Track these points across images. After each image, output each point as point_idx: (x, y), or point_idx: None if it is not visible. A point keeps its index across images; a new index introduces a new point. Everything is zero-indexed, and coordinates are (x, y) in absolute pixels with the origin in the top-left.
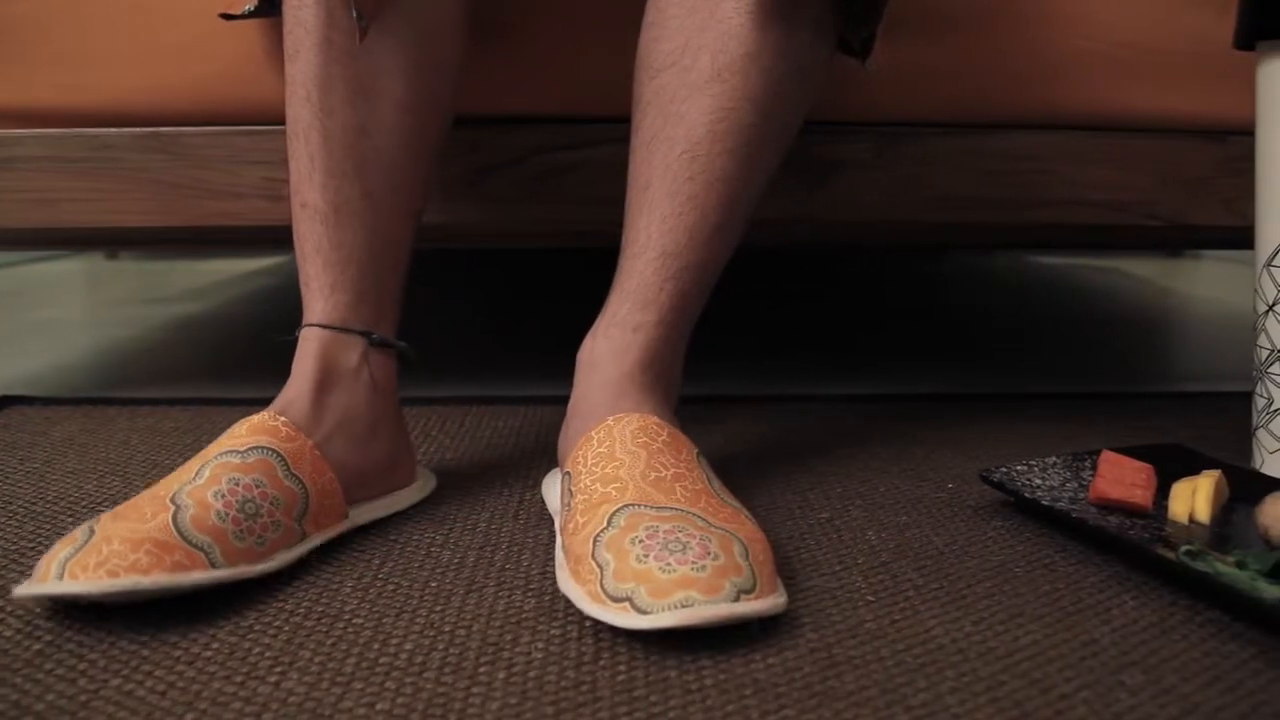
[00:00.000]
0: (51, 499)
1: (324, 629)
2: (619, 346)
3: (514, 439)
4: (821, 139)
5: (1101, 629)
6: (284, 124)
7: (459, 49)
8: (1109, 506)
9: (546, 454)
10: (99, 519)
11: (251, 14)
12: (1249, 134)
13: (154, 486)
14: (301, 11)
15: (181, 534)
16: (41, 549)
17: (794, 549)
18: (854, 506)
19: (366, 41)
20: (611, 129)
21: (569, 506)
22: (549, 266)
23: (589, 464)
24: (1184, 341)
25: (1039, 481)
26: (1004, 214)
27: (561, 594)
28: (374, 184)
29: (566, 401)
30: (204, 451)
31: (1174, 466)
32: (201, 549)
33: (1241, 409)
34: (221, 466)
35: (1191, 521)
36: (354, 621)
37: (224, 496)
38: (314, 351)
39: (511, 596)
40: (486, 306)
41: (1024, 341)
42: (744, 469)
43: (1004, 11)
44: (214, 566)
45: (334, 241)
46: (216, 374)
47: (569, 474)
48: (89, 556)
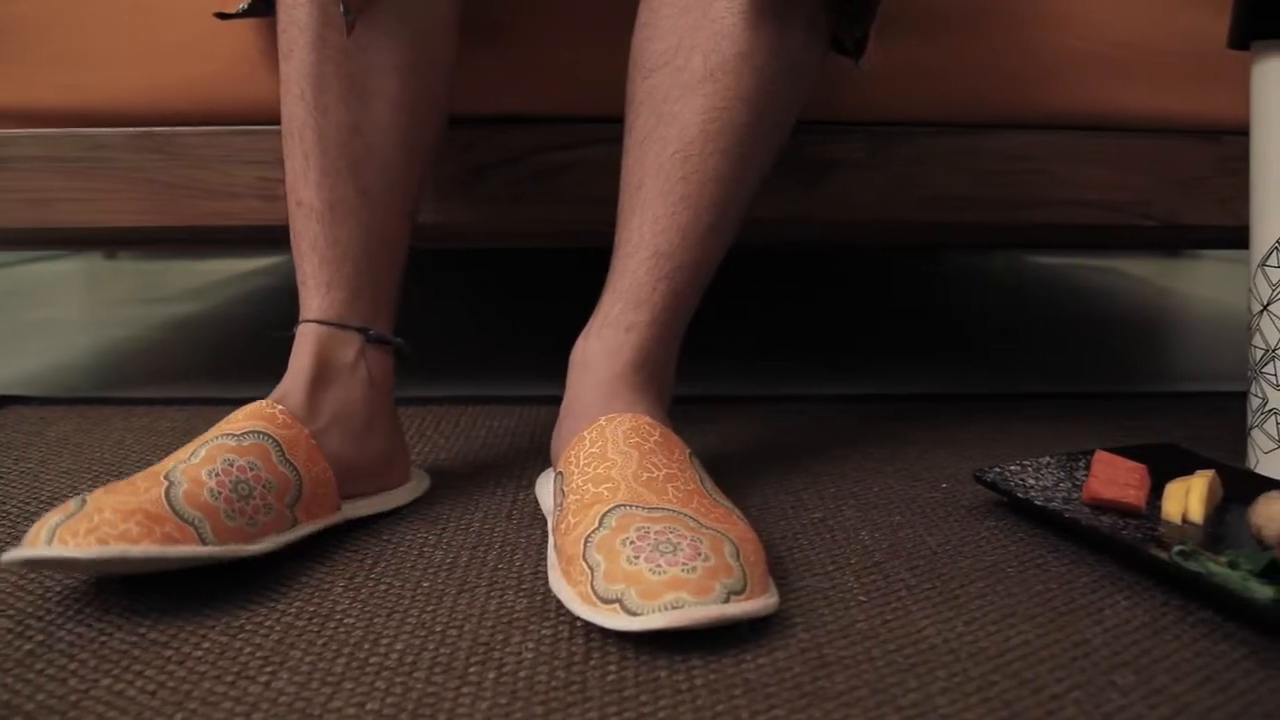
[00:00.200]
0: (45, 499)
1: (315, 629)
2: (612, 346)
3: (508, 439)
4: (815, 138)
5: (1093, 629)
6: (279, 124)
7: (453, 46)
8: (1102, 506)
9: (541, 454)
10: (92, 492)
11: (246, 13)
12: (1244, 134)
13: (150, 467)
14: (295, 10)
15: (173, 508)
16: None
17: (787, 549)
18: (847, 506)
19: (360, 39)
20: (606, 129)
21: (561, 506)
22: (544, 266)
23: (581, 464)
24: (1181, 341)
25: (1032, 481)
26: (998, 214)
27: (554, 594)
28: (369, 182)
29: (561, 402)
30: (201, 436)
31: (1168, 466)
32: (192, 524)
33: (1238, 409)
34: (218, 448)
35: (1185, 521)
36: (345, 621)
37: (218, 475)
38: (310, 347)
39: (503, 597)
40: (482, 306)
41: (1020, 341)
42: (738, 469)
43: (998, 11)
44: (204, 542)
45: (330, 239)
46: (213, 374)
47: (561, 474)
48: (79, 524)
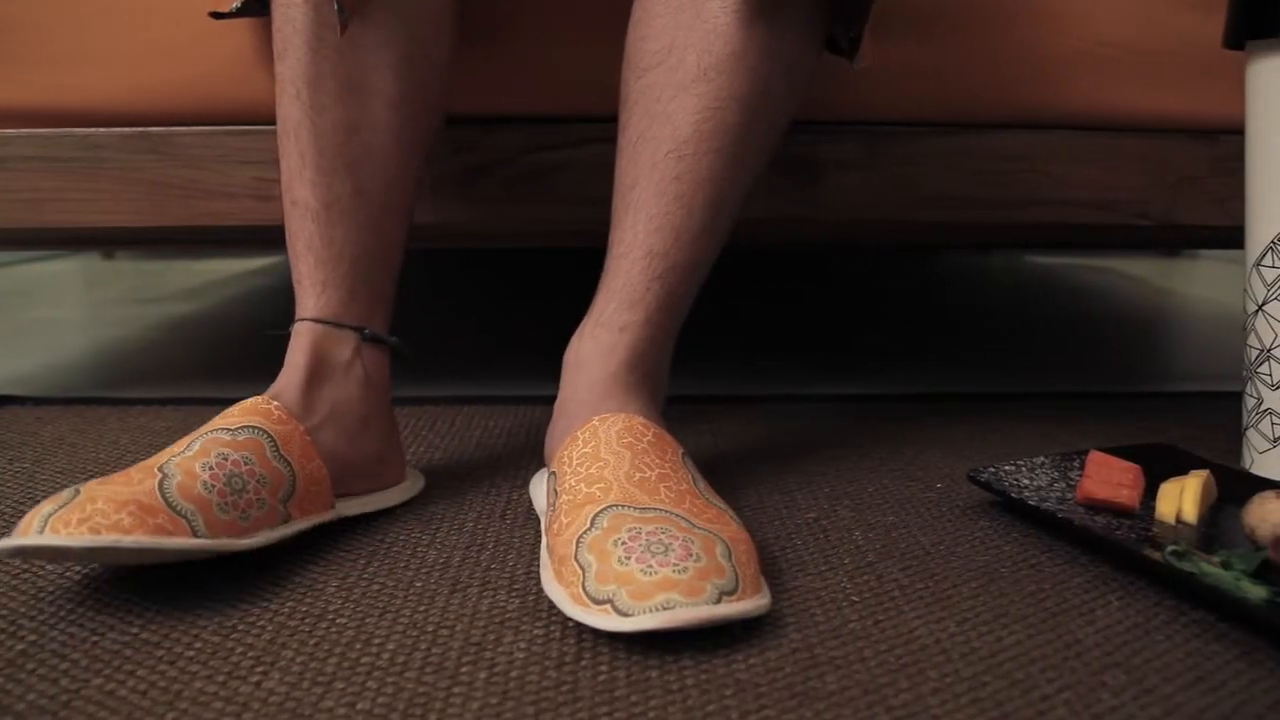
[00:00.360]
0: (40, 498)
1: (307, 628)
2: (605, 346)
3: (504, 439)
4: (810, 138)
5: (1085, 629)
6: (275, 124)
7: (449, 45)
8: (1096, 507)
9: (536, 454)
10: (86, 483)
11: (240, 12)
12: (1240, 133)
13: (145, 460)
14: (290, 9)
15: (166, 500)
16: None
17: (780, 549)
18: (841, 507)
19: (356, 38)
20: (601, 128)
21: (554, 506)
22: (539, 266)
23: (574, 464)
24: (1179, 342)
25: (1027, 481)
26: (994, 214)
27: (546, 594)
28: (365, 181)
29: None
30: (196, 430)
31: (1162, 466)
32: (185, 516)
33: (1235, 409)
34: (212, 441)
35: (1178, 522)
36: (337, 621)
37: (211, 469)
38: (306, 345)
39: (496, 596)
40: (477, 306)
41: (1018, 341)
42: (732, 469)
43: (993, 11)
44: (196, 535)
45: (325, 239)
46: (209, 374)
47: (555, 474)
48: (72, 513)
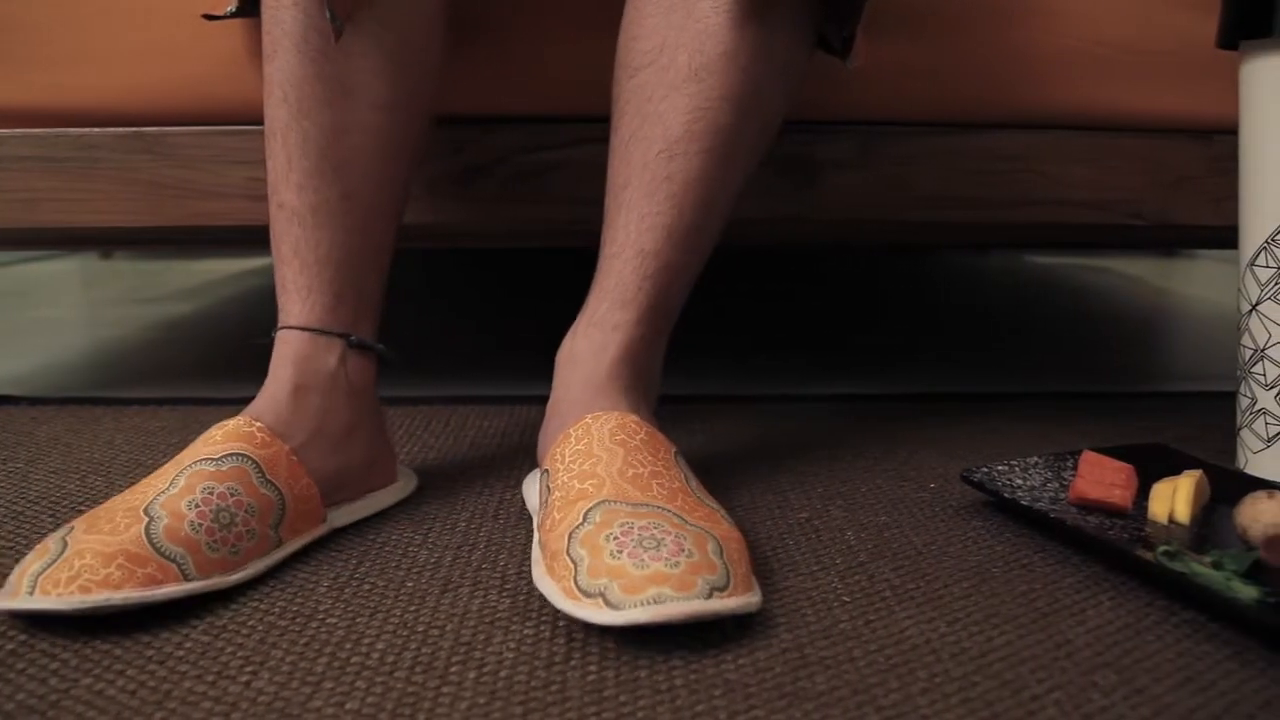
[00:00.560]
0: (33, 499)
1: (297, 629)
2: (597, 345)
3: (497, 439)
4: (804, 138)
5: (1076, 630)
6: None
7: (439, 48)
8: (1089, 507)
9: (529, 454)
10: (73, 527)
11: (233, 14)
12: (1235, 133)
13: (130, 491)
14: (279, 12)
15: (154, 546)
16: (19, 550)
17: (772, 549)
18: (834, 506)
19: (344, 41)
20: (598, 128)
21: (546, 503)
22: (533, 266)
23: (566, 461)
24: (1178, 341)
25: (1020, 481)
26: (989, 214)
27: (537, 593)
28: (353, 185)
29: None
30: (179, 457)
31: (1156, 466)
32: (174, 560)
33: (1230, 409)
34: (196, 475)
35: (1171, 522)
36: (328, 621)
37: (198, 506)
38: (290, 355)
39: (486, 596)
40: (470, 306)
41: (1015, 341)
42: (725, 468)
43: (988, 10)
44: (186, 579)
45: (311, 243)
46: (206, 374)
47: (547, 471)
48: (61, 571)
